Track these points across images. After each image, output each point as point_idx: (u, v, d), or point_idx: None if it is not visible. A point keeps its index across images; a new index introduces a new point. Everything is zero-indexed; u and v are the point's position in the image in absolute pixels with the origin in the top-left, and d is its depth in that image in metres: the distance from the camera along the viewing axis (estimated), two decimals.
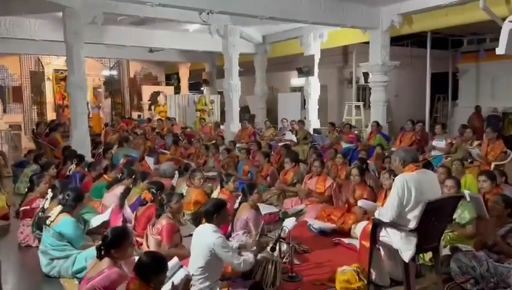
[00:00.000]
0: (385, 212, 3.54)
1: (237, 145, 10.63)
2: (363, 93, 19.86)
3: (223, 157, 8.54)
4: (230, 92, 11.63)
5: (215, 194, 5.27)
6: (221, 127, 13.16)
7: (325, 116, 15.87)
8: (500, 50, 8.66)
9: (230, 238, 4.48)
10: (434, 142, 8.42)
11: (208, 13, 7.99)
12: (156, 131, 13.48)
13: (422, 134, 9.41)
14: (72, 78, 9.01)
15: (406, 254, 3.44)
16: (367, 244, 3.76)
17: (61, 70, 19.12)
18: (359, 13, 9.97)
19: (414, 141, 8.83)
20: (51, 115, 17.98)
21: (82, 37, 9.04)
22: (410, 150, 3.85)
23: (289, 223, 4.71)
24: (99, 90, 20.42)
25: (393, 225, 3.52)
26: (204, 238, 3.37)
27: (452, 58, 17.12)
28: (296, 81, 18.96)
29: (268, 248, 3.85)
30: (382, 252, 3.89)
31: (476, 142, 7.63)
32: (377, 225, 3.65)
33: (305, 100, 13.66)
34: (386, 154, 8.84)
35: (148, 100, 19.78)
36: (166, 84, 22.14)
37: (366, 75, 11.49)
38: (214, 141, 11.45)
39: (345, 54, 17.23)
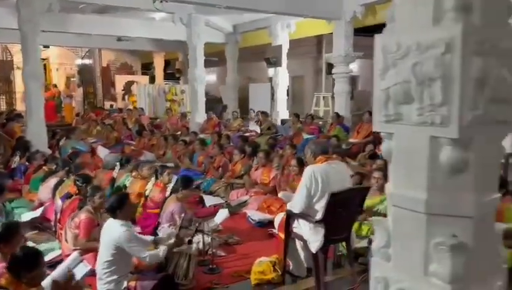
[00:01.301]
0: (295, 203, 3.54)
1: (200, 135, 10.58)
2: None
3: (180, 149, 8.47)
4: (195, 83, 11.53)
5: (149, 186, 5.22)
6: (188, 117, 13.08)
7: (302, 107, 15.87)
8: None
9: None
10: None
11: (161, 1, 7.85)
12: (123, 121, 13.34)
13: None
14: (27, 67, 8.78)
15: (314, 245, 3.45)
16: (282, 235, 3.76)
17: None
18: (322, 3, 9.91)
19: (371, 132, 8.85)
20: (20, 105, 17.65)
21: (37, 25, 8.81)
22: (320, 142, 3.86)
23: (220, 215, 4.71)
24: (73, 79, 20.17)
25: (303, 216, 3.52)
26: (110, 232, 3.33)
27: None
28: (272, 71, 18.91)
29: (186, 241, 3.82)
30: (298, 243, 3.90)
31: None
32: (290, 216, 3.65)
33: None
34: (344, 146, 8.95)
35: (122, 90, 19.56)
36: (143, 74, 21.89)
37: (331, 66, 11.51)
38: (179, 132, 11.41)
39: (319, 44, 17.19)
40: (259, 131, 10.94)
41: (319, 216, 3.44)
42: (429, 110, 1.49)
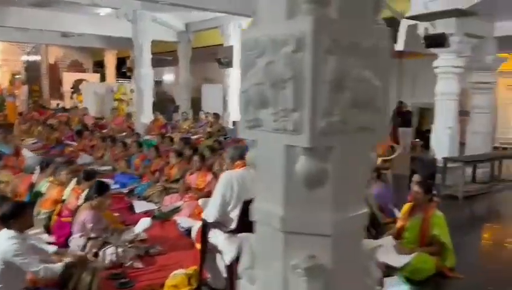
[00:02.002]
0: (209, 211, 3.33)
1: (146, 137, 10.22)
2: None
3: (118, 151, 8.09)
4: (141, 82, 11.12)
5: (67, 191, 4.86)
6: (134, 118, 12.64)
7: None
8: (399, 46, 8.84)
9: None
10: None
11: None
12: (64, 121, 12.72)
13: None
14: None
15: (227, 256, 3.24)
16: (198, 245, 3.54)
17: None
18: None
19: None
20: None
21: None
22: (238, 147, 3.67)
23: (140, 225, 4.44)
24: (19, 76, 19.14)
25: (217, 225, 3.32)
26: None
27: None
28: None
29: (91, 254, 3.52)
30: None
31: None
32: (205, 225, 3.43)
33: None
34: None
35: (71, 88, 18.75)
36: (94, 72, 21.10)
37: None
38: (124, 133, 10.99)
39: None
40: (208, 133, 10.68)
41: (233, 225, 3.24)
42: (282, 115, 1.31)
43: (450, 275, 3.97)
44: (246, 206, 3.13)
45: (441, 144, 7.64)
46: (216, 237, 3.38)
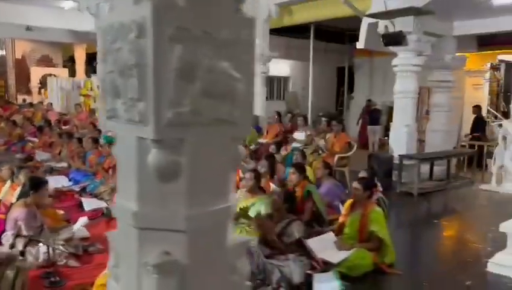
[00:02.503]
0: None
1: (109, 133, 10.00)
2: (271, 85, 20.02)
3: (74, 147, 7.90)
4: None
5: (5, 189, 4.70)
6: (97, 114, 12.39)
7: None
8: (360, 44, 8.90)
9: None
10: (295, 134, 8.45)
11: None
12: (27, 117, 12.39)
13: (292, 126, 9.44)
14: None
15: None
16: None
17: None
18: None
19: (279, 132, 8.80)
20: None
21: None
22: None
23: (79, 223, 4.34)
24: None
25: None
26: None
27: (349, 53, 17.62)
28: None
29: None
30: None
31: (328, 134, 7.72)
32: None
33: None
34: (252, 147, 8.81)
35: (38, 83, 18.27)
36: (64, 67, 20.61)
37: None
38: (85, 129, 10.76)
39: None
40: None
41: None
42: (130, 105, 1.25)
43: (388, 271, 3.99)
44: None
45: (399, 142, 7.72)
46: None
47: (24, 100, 17.16)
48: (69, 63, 21.08)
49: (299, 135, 8.34)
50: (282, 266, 3.53)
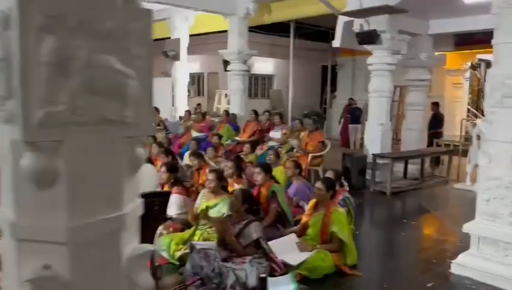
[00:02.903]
0: None
1: None
2: (255, 82, 19.94)
3: None
4: None
5: None
6: None
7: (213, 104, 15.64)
8: (335, 43, 8.84)
9: None
10: (271, 133, 8.35)
11: None
12: None
13: (270, 124, 9.31)
14: None
15: None
16: None
17: None
18: None
19: (256, 130, 8.69)
20: None
21: None
22: None
23: None
24: None
25: None
26: None
27: (332, 52, 17.59)
28: (191, 67, 18.35)
29: None
30: None
31: (302, 133, 7.64)
32: None
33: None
34: (228, 143, 8.70)
35: None
36: None
37: (226, 63, 11.30)
38: None
39: None
40: None
41: None
42: (0, 104, 1.14)
43: (349, 272, 3.92)
44: None
45: (374, 141, 7.68)
46: None
47: None
48: None
49: (276, 134, 8.25)
50: (237, 269, 3.43)
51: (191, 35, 13.56)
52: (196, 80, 19.47)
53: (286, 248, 3.97)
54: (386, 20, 7.30)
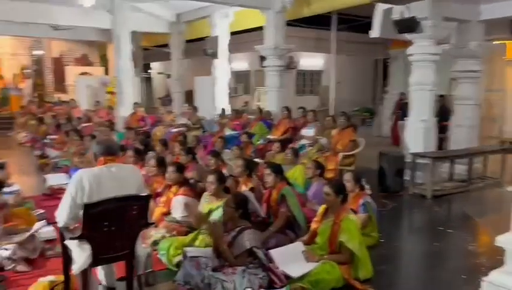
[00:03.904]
0: (59, 214, 2.97)
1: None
2: (303, 79, 19.51)
3: (76, 145, 7.91)
4: (120, 74, 10.90)
5: None
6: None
7: None
8: (373, 33, 8.24)
9: None
10: (303, 131, 7.96)
11: None
12: (53, 115, 12.73)
13: (303, 122, 8.90)
14: None
15: (76, 266, 2.90)
16: None
17: None
18: None
19: (288, 128, 8.33)
20: None
21: None
22: (104, 142, 3.28)
23: (36, 225, 4.18)
24: (28, 70, 19.34)
25: (65, 230, 2.97)
26: None
27: (384, 44, 16.73)
28: (238, 65, 18.38)
29: None
30: None
31: (333, 131, 7.17)
32: (61, 230, 3.09)
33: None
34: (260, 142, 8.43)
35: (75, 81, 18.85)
36: (101, 65, 21.16)
37: (262, 59, 10.98)
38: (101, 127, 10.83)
39: None
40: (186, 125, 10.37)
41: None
42: None
43: (360, 287, 3.49)
44: (92, 209, 2.81)
45: (415, 138, 7.04)
46: (71, 243, 3.03)
47: (59, 98, 17.74)
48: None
49: (308, 132, 7.84)
50: (226, 281, 3.15)
51: (235, 33, 13.45)
52: (243, 78, 19.38)
53: (290, 258, 3.62)
54: (427, 5, 6.64)
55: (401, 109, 13.04)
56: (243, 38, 14.21)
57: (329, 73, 19.33)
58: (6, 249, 3.71)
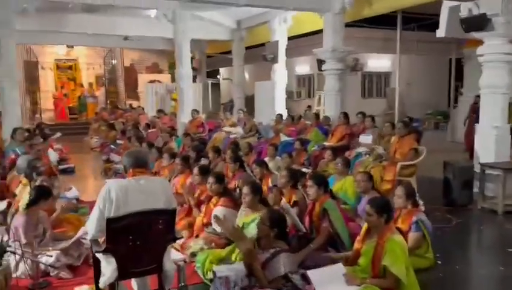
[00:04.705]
0: (89, 227, 2.99)
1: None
2: (369, 81, 18.81)
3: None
4: (181, 81, 11.17)
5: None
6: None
7: None
8: (440, 32, 7.62)
9: None
10: (361, 138, 7.53)
11: None
12: (122, 121, 13.38)
13: (363, 127, 8.45)
14: (1, 67, 8.89)
15: (102, 279, 2.89)
16: None
17: (63, 59, 19.63)
18: None
19: (345, 135, 7.94)
20: (44, 104, 18.54)
21: (11, 25, 8.89)
22: (133, 153, 3.24)
23: (80, 232, 4.28)
24: (103, 79, 20.66)
25: (94, 242, 2.98)
26: None
27: (457, 43, 15.59)
28: (301, 68, 18.21)
29: None
30: None
31: (393, 138, 6.69)
32: (92, 244, 3.10)
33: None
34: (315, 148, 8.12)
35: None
36: (169, 73, 22.01)
37: (320, 62, 10.62)
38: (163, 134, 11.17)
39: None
40: (241, 132, 10.36)
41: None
42: None
43: None
44: (116, 224, 2.78)
45: (487, 147, 6.37)
46: (100, 255, 3.03)
47: (130, 105, 18.70)
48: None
49: (366, 139, 7.40)
50: None
51: (297, 37, 13.28)
52: (307, 81, 19.10)
53: (329, 280, 3.34)
54: (500, 1, 5.99)
55: (476, 113, 12.01)
56: (305, 41, 13.97)
57: (400, 74, 18.45)
58: (50, 256, 3.83)
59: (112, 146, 10.81)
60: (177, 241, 4.38)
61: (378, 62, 18.14)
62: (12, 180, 5.72)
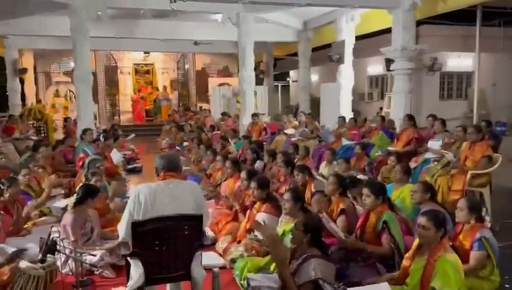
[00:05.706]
0: (120, 229, 2.98)
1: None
2: (448, 81, 17.59)
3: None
4: (243, 84, 11.18)
5: None
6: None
7: None
8: None
9: None
10: (429, 143, 6.92)
11: (174, 1, 7.66)
12: (189, 123, 13.74)
13: (433, 132, 7.78)
14: (77, 72, 9.49)
15: (131, 283, 2.86)
16: None
17: (141, 64, 20.76)
18: None
19: (411, 139, 7.36)
20: (122, 106, 19.71)
21: (85, 32, 9.42)
22: (166, 156, 3.20)
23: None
24: (177, 82, 21.50)
25: (124, 245, 2.95)
26: None
27: None
28: (374, 69, 17.55)
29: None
30: None
31: (464, 144, 6.04)
32: (122, 246, 3.09)
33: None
34: (379, 154, 7.64)
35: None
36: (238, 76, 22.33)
37: (389, 62, 9.92)
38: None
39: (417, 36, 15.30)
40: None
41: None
42: None
43: None
44: (141, 228, 2.73)
45: None
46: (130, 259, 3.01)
47: (200, 107, 19.22)
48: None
49: (434, 144, 6.80)
50: None
51: (367, 36, 12.71)
52: (380, 82, 18.28)
53: None
54: None
55: None
56: (376, 40, 13.33)
57: (482, 74, 16.96)
58: (94, 255, 3.92)
59: (178, 147, 11.11)
60: (220, 245, 4.34)
61: (459, 61, 16.84)
62: (78, 179, 6.04)
